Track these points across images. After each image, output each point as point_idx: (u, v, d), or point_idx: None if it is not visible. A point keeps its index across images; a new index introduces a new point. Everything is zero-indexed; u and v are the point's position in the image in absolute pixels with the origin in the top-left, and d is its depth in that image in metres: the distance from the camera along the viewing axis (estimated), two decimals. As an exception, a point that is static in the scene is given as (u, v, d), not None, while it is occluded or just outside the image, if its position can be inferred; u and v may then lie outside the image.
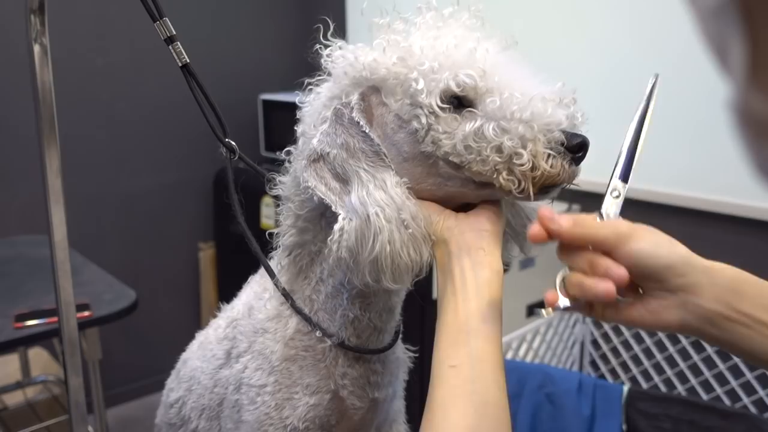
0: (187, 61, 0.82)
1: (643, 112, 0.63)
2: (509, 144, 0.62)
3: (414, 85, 0.65)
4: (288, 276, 0.79)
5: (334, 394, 0.78)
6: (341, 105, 0.69)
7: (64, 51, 2.16)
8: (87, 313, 1.50)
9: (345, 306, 0.76)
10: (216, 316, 0.92)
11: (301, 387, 0.77)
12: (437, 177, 0.68)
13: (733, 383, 1.84)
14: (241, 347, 0.81)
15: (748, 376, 1.80)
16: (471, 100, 0.65)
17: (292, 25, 2.85)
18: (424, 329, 1.72)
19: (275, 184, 0.77)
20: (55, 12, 0.91)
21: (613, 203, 0.62)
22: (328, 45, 0.72)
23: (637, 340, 2.06)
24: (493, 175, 0.64)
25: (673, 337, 1.97)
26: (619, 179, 0.63)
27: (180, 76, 0.84)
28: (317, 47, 0.71)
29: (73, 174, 2.23)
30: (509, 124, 0.62)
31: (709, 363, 1.90)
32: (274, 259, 0.81)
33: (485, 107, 0.64)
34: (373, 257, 0.63)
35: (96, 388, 1.72)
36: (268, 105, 2.61)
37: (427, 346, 0.68)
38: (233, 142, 0.86)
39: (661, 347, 2.01)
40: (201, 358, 0.88)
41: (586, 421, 1.57)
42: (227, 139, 0.86)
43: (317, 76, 0.74)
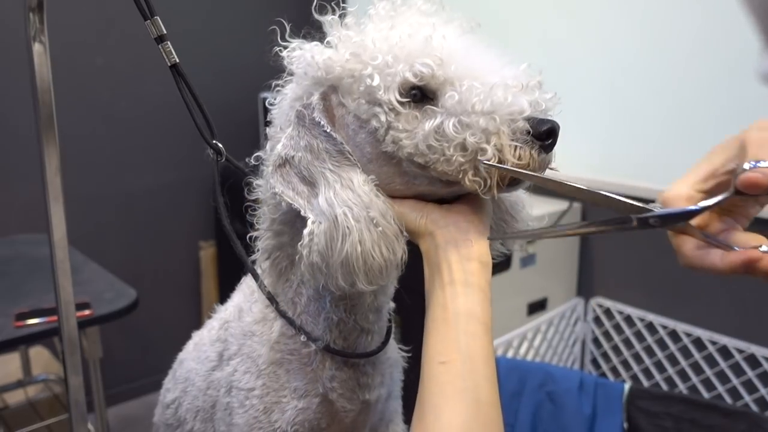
0: (177, 60, 0.81)
1: None
2: (472, 140, 0.60)
3: (369, 82, 0.63)
4: (270, 279, 0.77)
5: (323, 397, 0.77)
6: (302, 107, 0.67)
7: (64, 50, 2.16)
8: (87, 311, 1.50)
9: (328, 309, 0.74)
10: (211, 316, 0.91)
11: (289, 390, 0.76)
12: (404, 176, 0.66)
13: (735, 381, 1.84)
14: (232, 349, 0.80)
15: (750, 374, 1.80)
16: (433, 91, 0.63)
17: (294, 23, 2.84)
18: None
19: (253, 187, 0.75)
20: (55, 10, 0.91)
21: None
22: (286, 46, 0.70)
23: (638, 338, 2.05)
24: (458, 176, 0.61)
25: (674, 336, 1.97)
26: None
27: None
28: (276, 49, 0.69)
29: (74, 173, 2.23)
30: (470, 119, 0.60)
31: (711, 361, 1.89)
32: (256, 263, 0.79)
33: (444, 102, 0.62)
34: (343, 259, 0.61)
35: (96, 386, 1.72)
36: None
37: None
38: (220, 144, 0.84)
39: (662, 345, 2.00)
40: (195, 360, 0.88)
41: (587, 419, 1.57)
42: (214, 141, 0.84)
43: (283, 77, 0.72)
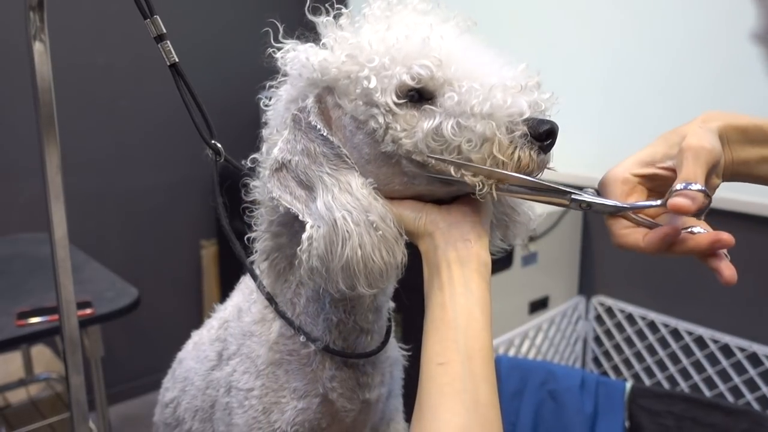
0: (176, 60, 0.80)
1: None
2: (467, 147, 0.60)
3: (366, 84, 0.62)
4: (268, 280, 0.77)
5: (323, 397, 0.77)
6: (298, 110, 0.67)
7: (65, 49, 2.16)
8: (89, 310, 1.50)
9: (327, 310, 0.74)
10: (211, 316, 0.91)
11: (288, 391, 0.76)
12: (403, 176, 0.65)
13: (736, 380, 1.83)
14: (231, 349, 0.80)
15: (751, 372, 1.80)
16: (431, 91, 0.63)
17: (295, 23, 2.84)
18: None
19: (251, 189, 0.75)
20: (55, 9, 0.91)
21: None
22: (280, 47, 0.69)
23: (640, 336, 2.05)
24: (457, 175, 0.61)
25: (675, 334, 1.96)
26: None
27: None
28: (270, 50, 0.69)
29: (75, 172, 2.23)
30: (468, 121, 0.60)
31: (712, 360, 1.89)
32: (254, 264, 0.79)
33: (443, 102, 0.61)
34: (344, 263, 0.61)
35: (98, 385, 1.72)
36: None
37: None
38: (219, 144, 0.83)
39: (663, 344, 2.00)
40: (195, 359, 0.87)
41: (588, 418, 1.57)
42: (213, 141, 0.83)
43: (278, 79, 0.71)
